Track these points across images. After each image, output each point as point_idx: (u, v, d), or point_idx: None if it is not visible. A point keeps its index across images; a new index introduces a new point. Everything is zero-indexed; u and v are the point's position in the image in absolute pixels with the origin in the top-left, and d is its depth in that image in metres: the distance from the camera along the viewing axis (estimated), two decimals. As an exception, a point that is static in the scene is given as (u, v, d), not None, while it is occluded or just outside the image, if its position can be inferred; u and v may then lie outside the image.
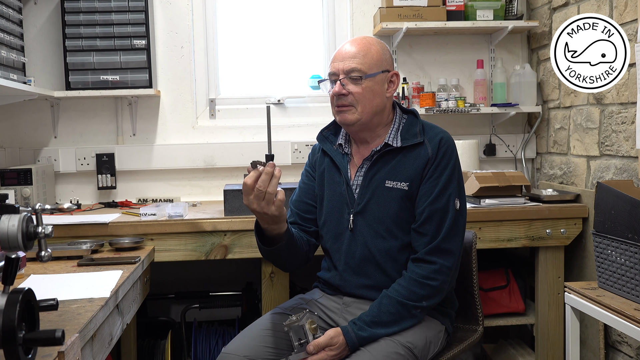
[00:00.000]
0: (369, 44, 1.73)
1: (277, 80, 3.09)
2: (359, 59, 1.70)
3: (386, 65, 1.74)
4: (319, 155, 1.89)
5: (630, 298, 1.77)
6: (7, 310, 0.97)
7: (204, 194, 2.96)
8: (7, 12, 2.42)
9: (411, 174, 1.70)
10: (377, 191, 1.72)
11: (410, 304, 1.63)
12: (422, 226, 1.67)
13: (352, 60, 1.70)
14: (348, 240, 1.75)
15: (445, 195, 1.67)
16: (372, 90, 1.71)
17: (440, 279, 1.65)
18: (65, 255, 1.99)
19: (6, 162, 2.74)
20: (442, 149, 1.70)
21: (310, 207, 1.86)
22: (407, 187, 1.69)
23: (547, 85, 2.90)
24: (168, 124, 2.94)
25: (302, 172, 1.94)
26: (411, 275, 1.65)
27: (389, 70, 1.75)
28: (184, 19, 2.91)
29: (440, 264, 1.65)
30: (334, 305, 1.77)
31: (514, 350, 2.75)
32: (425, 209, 1.67)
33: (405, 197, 1.70)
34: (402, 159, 1.72)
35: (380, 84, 1.72)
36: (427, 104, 2.85)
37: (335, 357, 1.57)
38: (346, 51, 1.73)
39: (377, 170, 1.73)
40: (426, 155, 1.70)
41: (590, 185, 2.52)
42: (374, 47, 1.73)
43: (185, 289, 2.90)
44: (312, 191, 1.87)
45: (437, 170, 1.69)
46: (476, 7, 2.82)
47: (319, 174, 1.86)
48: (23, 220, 1.11)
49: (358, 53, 1.71)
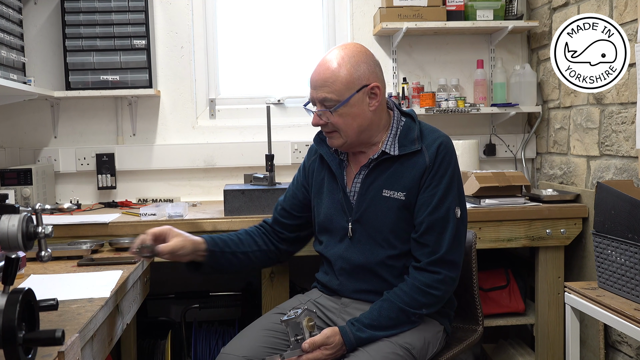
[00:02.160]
0: (338, 65, 1.63)
1: (277, 80, 3.09)
2: (328, 87, 1.63)
3: (361, 82, 1.64)
4: (316, 157, 1.87)
5: (630, 298, 1.77)
6: (7, 310, 0.97)
7: (204, 194, 2.96)
8: (7, 12, 2.42)
9: (408, 183, 1.67)
10: (374, 200, 1.70)
11: (410, 311, 1.63)
12: (423, 236, 1.66)
13: (322, 90, 1.64)
14: (346, 246, 1.74)
15: (445, 205, 1.65)
16: (349, 115, 1.65)
17: (444, 289, 1.65)
18: (65, 255, 1.99)
19: (6, 162, 2.74)
20: (439, 156, 1.66)
21: (288, 214, 1.89)
22: (404, 197, 1.67)
23: (547, 85, 2.90)
24: (168, 124, 2.94)
25: (295, 175, 1.94)
26: (414, 282, 1.64)
27: (366, 85, 1.65)
28: (184, 19, 2.91)
29: (444, 275, 1.64)
30: (332, 306, 1.77)
31: (514, 350, 2.75)
32: (424, 219, 1.65)
33: (402, 207, 1.67)
34: (399, 167, 1.69)
35: (358, 105, 1.65)
36: (427, 104, 2.85)
37: (330, 356, 1.56)
38: (316, 78, 1.66)
39: (374, 179, 1.71)
40: (423, 164, 1.66)
41: (590, 185, 2.52)
42: (344, 69, 1.62)
43: (185, 289, 2.90)
44: (297, 198, 1.89)
45: (434, 179, 1.65)
46: (476, 7, 2.82)
47: (317, 177, 1.84)
48: (23, 220, 1.11)
49: (326, 81, 1.63)
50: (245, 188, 2.40)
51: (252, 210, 2.36)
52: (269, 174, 2.47)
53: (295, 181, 1.93)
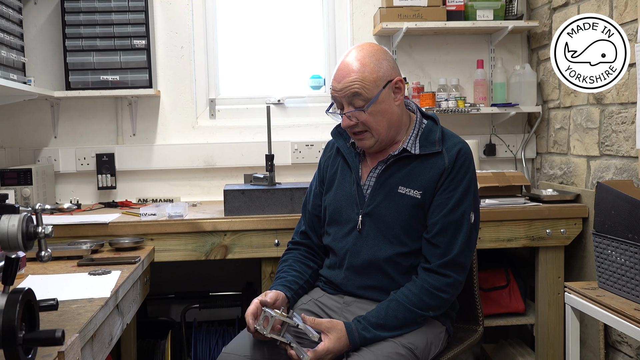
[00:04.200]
0: (362, 65, 1.64)
1: (277, 80, 3.09)
2: (356, 87, 1.63)
3: (386, 77, 1.67)
4: (332, 152, 1.88)
5: (630, 298, 1.77)
6: (7, 310, 0.97)
7: (204, 194, 2.96)
8: (7, 12, 2.42)
9: (425, 182, 1.68)
10: (389, 195, 1.71)
11: (418, 312, 1.63)
12: (435, 237, 1.66)
13: (349, 90, 1.64)
14: (354, 240, 1.74)
15: (461, 209, 1.66)
16: (379, 112, 1.66)
17: (452, 292, 1.66)
18: (65, 255, 1.99)
19: (6, 162, 2.74)
20: (459, 160, 1.67)
21: (318, 217, 1.89)
22: (420, 195, 1.68)
23: (547, 85, 2.90)
24: (168, 124, 2.94)
25: (314, 174, 1.94)
26: (423, 284, 1.64)
27: (391, 80, 1.68)
28: (184, 19, 2.91)
29: (454, 278, 1.65)
30: (334, 305, 1.77)
31: (514, 350, 2.75)
32: (439, 221, 1.66)
33: (417, 206, 1.68)
34: (418, 165, 1.70)
35: (386, 101, 1.67)
36: (427, 104, 2.84)
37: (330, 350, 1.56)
38: (341, 81, 1.65)
39: (391, 174, 1.72)
40: (442, 165, 1.67)
41: (590, 185, 2.52)
42: (368, 67, 1.64)
43: (185, 289, 2.90)
44: (318, 197, 1.89)
45: (453, 182, 1.67)
46: (476, 7, 2.82)
47: (330, 171, 1.85)
48: (23, 220, 1.11)
49: (354, 82, 1.63)
50: (245, 188, 2.40)
51: (252, 210, 2.36)
52: (269, 174, 2.47)
53: (314, 182, 1.94)
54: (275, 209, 2.37)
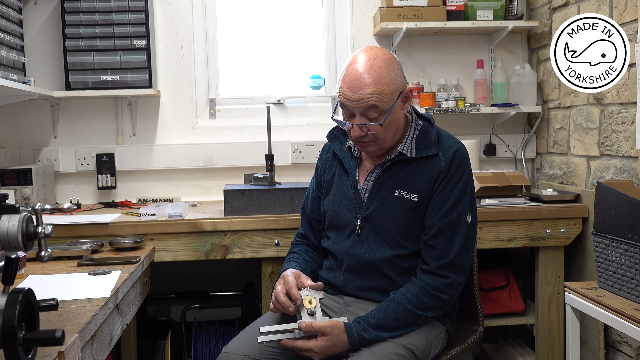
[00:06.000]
0: (379, 76, 1.58)
1: (277, 80, 3.09)
2: (373, 100, 1.58)
3: (400, 88, 1.63)
4: (328, 156, 1.88)
5: (630, 298, 1.77)
6: (7, 310, 0.97)
7: (204, 194, 2.96)
8: (7, 12, 2.42)
9: (422, 185, 1.68)
10: (386, 199, 1.71)
11: (417, 313, 1.63)
12: (432, 239, 1.67)
13: (366, 102, 1.58)
14: (353, 243, 1.74)
15: (458, 210, 1.66)
16: (390, 123, 1.64)
17: (451, 293, 1.66)
18: (65, 255, 1.99)
19: (6, 162, 2.74)
20: (455, 162, 1.68)
21: (317, 220, 1.90)
22: (417, 198, 1.68)
23: (547, 85, 2.90)
24: (168, 124, 2.94)
25: (312, 178, 1.95)
26: (422, 284, 1.64)
27: (402, 90, 1.65)
28: (184, 19, 2.91)
29: (452, 279, 1.65)
30: (334, 305, 1.77)
31: (514, 350, 2.75)
32: (436, 223, 1.66)
33: (414, 209, 1.68)
34: (414, 168, 1.70)
35: (397, 111, 1.65)
36: (427, 104, 2.85)
37: (324, 349, 1.56)
38: (357, 91, 1.59)
39: (388, 178, 1.72)
40: (438, 167, 1.68)
41: (590, 185, 2.52)
42: (385, 79, 1.58)
43: (185, 289, 2.90)
44: (316, 201, 1.90)
45: (449, 184, 1.67)
46: (476, 7, 2.82)
47: (327, 175, 1.85)
48: (23, 220, 1.11)
49: (371, 95, 1.58)
50: (245, 188, 2.40)
51: (252, 210, 2.36)
52: (269, 174, 2.47)
53: (312, 184, 1.94)
54: (275, 209, 2.37)
